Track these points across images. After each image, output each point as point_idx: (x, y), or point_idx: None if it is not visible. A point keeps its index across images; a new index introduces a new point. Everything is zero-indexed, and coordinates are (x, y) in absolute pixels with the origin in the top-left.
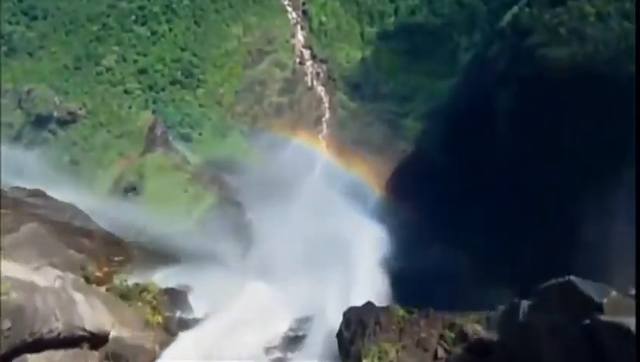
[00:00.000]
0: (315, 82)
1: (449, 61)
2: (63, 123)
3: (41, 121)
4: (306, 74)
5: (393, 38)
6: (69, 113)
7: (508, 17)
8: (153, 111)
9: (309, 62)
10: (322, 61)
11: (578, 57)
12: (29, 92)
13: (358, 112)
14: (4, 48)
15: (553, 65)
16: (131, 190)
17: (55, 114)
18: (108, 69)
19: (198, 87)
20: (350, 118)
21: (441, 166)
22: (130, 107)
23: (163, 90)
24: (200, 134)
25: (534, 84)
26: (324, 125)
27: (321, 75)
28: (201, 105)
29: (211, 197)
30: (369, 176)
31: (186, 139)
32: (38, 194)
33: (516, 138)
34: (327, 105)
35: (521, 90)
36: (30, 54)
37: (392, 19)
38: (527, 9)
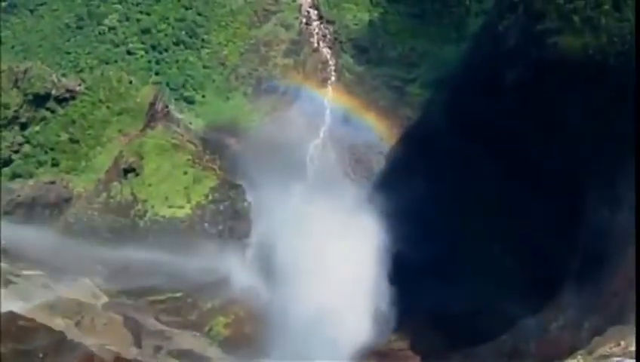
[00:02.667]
0: (321, 44)
1: (458, 26)
2: (61, 101)
3: (38, 100)
4: (312, 35)
5: (402, 0)
6: (68, 90)
7: None
8: (157, 73)
9: (315, 23)
10: (329, 22)
11: (590, 49)
12: (25, 71)
13: (364, 76)
14: (4, 4)
15: (564, 55)
16: (131, 171)
17: (53, 92)
18: (110, 29)
19: (202, 47)
20: (356, 82)
21: (445, 136)
22: (130, 82)
23: (166, 50)
24: (203, 96)
25: (543, 70)
26: (330, 88)
27: (328, 36)
28: (205, 67)
29: (211, 180)
30: (372, 143)
31: (189, 101)
32: None
33: (521, 118)
34: (333, 68)
35: (528, 73)
36: (31, 11)
37: None
38: None
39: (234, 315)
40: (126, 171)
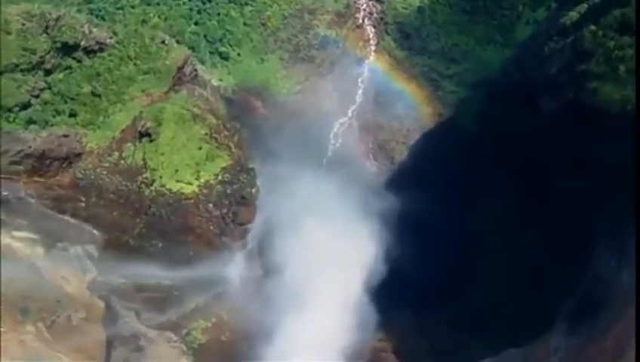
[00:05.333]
0: (366, 21)
1: (506, 30)
2: (89, 52)
3: (66, 49)
4: (358, 10)
5: None
6: (98, 42)
7: (574, 15)
8: (196, 23)
9: None
10: (379, 1)
11: (629, 104)
12: (57, 18)
13: (403, 63)
14: None
15: (601, 103)
16: (146, 135)
17: (82, 43)
18: None
19: (245, 4)
20: (393, 67)
21: (470, 143)
22: (163, 42)
23: (210, 1)
24: (239, 54)
25: (578, 109)
26: (366, 68)
27: (374, 15)
28: (245, 24)
29: (224, 160)
30: (398, 131)
31: (223, 57)
32: None
33: (548, 145)
34: (373, 47)
35: (563, 107)
36: None
37: None
38: (592, 26)
39: (215, 318)
40: (142, 135)
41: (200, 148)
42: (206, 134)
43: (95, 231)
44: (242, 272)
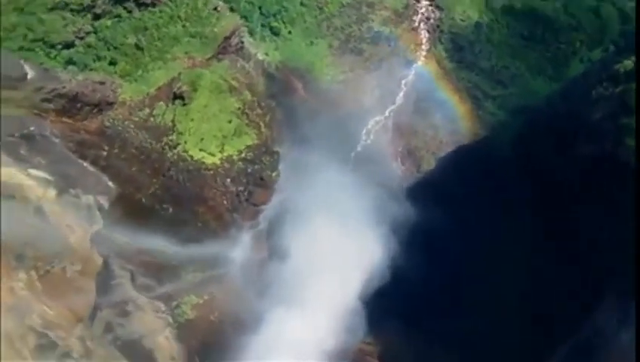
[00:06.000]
0: (422, 25)
1: (559, 64)
2: (140, 5)
3: None
4: (416, 13)
5: (516, 16)
6: None
7: (628, 64)
8: None
9: (424, 2)
10: (438, 7)
11: None
12: None
13: (450, 74)
14: None
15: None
16: (180, 98)
17: None
18: None
19: None
20: (440, 76)
21: (501, 169)
22: (215, 9)
23: None
24: (290, 32)
25: (614, 164)
26: (412, 72)
27: (431, 20)
28: (302, 4)
29: (251, 138)
30: (430, 140)
31: (274, 32)
32: None
33: (579, 189)
34: (424, 53)
35: (601, 156)
36: None
37: None
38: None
39: (208, 296)
40: (175, 96)
41: (230, 122)
42: (239, 109)
43: (110, 184)
44: (246, 253)
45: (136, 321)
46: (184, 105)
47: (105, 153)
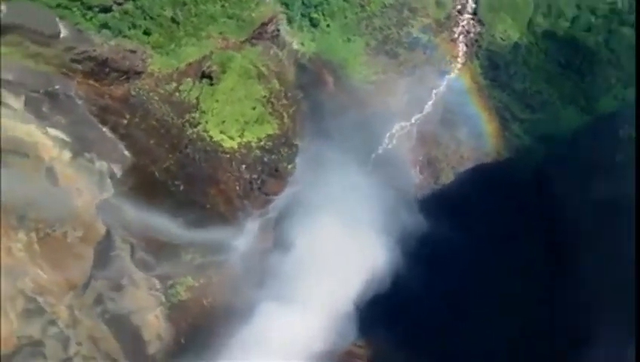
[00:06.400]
0: (460, 38)
1: (591, 97)
2: None
3: None
4: (457, 25)
5: (556, 42)
6: None
7: None
8: None
9: (466, 16)
10: (480, 22)
11: None
12: None
13: (482, 91)
14: None
15: None
16: (208, 77)
17: None
18: None
19: None
20: (471, 91)
21: (520, 192)
22: None
23: None
24: (328, 26)
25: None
26: (445, 82)
27: (471, 35)
28: (345, 0)
29: (272, 127)
30: (451, 154)
31: (313, 24)
32: None
33: (590, 230)
34: (458, 65)
35: (615, 206)
36: None
37: (567, 25)
38: None
39: (205, 279)
40: (204, 75)
41: (254, 109)
42: (264, 97)
43: (126, 153)
44: (250, 241)
45: (128, 296)
46: (211, 85)
47: (125, 121)
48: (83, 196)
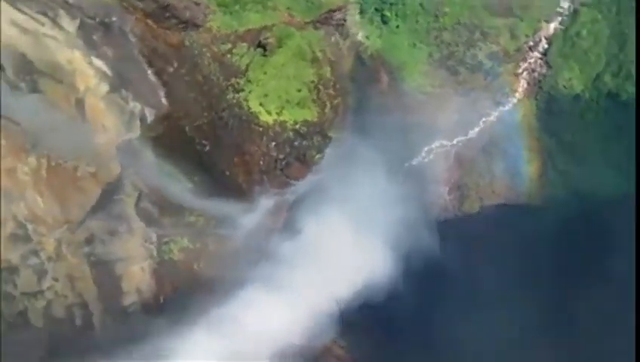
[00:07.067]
0: (524, 74)
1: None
2: None
3: None
4: (525, 60)
5: (618, 105)
6: None
7: None
8: None
9: (536, 54)
10: (547, 64)
11: None
12: None
13: (532, 132)
14: None
15: None
16: (262, 47)
17: None
18: None
19: None
20: (521, 129)
21: (539, 244)
22: None
23: None
24: (397, 27)
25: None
26: (496, 113)
27: (535, 74)
28: (421, 5)
29: (312, 114)
30: (485, 187)
31: (383, 21)
32: None
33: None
34: (515, 100)
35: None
36: None
37: (632, 90)
38: None
39: (200, 245)
40: (259, 45)
41: (299, 90)
42: (312, 82)
43: (164, 100)
44: (260, 219)
45: (119, 243)
46: (264, 56)
47: (172, 69)
48: (107, 133)
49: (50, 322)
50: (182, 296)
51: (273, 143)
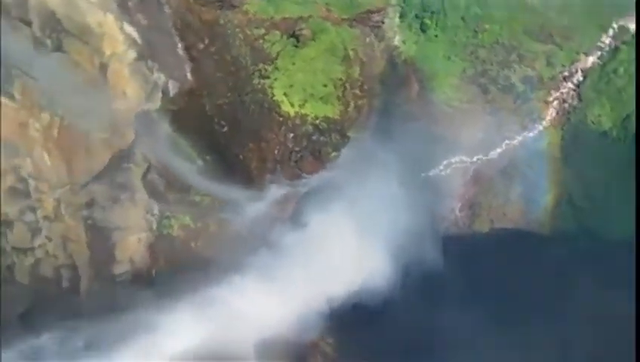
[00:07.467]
0: (554, 103)
1: None
2: None
3: None
4: (558, 90)
5: None
6: None
7: None
8: None
9: (570, 85)
10: (579, 97)
11: None
12: None
13: (554, 162)
14: None
15: None
16: (295, 37)
17: None
18: None
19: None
20: (543, 157)
21: (539, 274)
22: None
23: None
24: (436, 36)
25: None
26: (520, 137)
27: (566, 105)
28: (462, 19)
29: (334, 112)
30: (497, 208)
31: (422, 28)
32: None
33: None
34: (540, 128)
35: None
36: None
37: None
38: None
39: (202, 225)
40: (292, 35)
41: (325, 86)
42: (340, 79)
43: (189, 75)
44: (267, 208)
45: (120, 211)
46: (295, 46)
47: (202, 46)
48: (127, 101)
49: (36, 280)
50: (174, 272)
51: (291, 135)
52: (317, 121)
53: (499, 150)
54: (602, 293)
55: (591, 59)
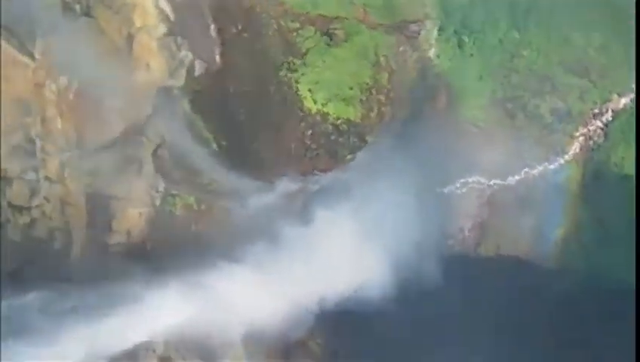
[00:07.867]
0: (580, 139)
1: None
2: None
3: None
4: (585, 125)
5: None
6: None
7: None
8: None
9: (598, 123)
10: (606, 136)
11: None
12: None
13: (572, 197)
14: None
15: None
16: (328, 36)
17: None
18: None
19: (526, 30)
20: (561, 192)
21: (539, 308)
22: None
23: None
24: (471, 55)
25: None
26: (541, 167)
27: (590, 142)
28: (500, 41)
29: (356, 115)
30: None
31: (459, 45)
32: None
33: None
34: (562, 161)
35: None
36: None
37: None
38: None
39: (205, 208)
40: (326, 33)
41: (351, 88)
42: (367, 84)
43: (217, 58)
44: (273, 200)
45: (124, 182)
46: (327, 45)
47: (235, 30)
48: (150, 74)
49: (28, 240)
50: (169, 250)
51: (310, 131)
52: (337, 122)
53: (517, 177)
54: (602, 332)
55: (623, 101)
